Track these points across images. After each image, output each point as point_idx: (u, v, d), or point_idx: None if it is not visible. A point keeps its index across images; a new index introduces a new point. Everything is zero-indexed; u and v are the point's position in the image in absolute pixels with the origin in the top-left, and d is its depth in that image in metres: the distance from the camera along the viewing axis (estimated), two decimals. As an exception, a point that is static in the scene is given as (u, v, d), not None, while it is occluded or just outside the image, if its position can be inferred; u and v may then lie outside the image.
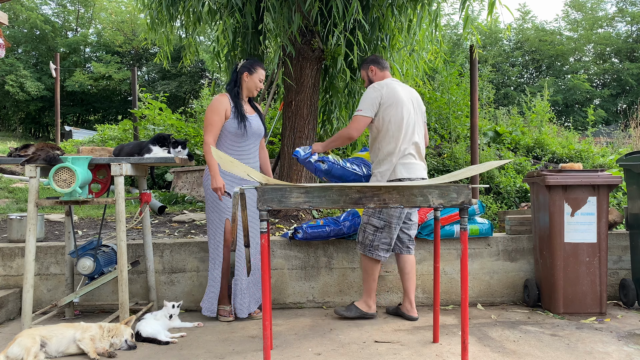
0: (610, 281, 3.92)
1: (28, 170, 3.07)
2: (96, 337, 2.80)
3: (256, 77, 3.46)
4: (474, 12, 22.47)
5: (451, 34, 22.83)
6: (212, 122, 3.33)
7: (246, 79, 3.46)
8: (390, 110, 3.24)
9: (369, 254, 3.32)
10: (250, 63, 3.48)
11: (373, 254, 3.31)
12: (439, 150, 6.67)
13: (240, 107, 3.41)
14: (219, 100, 3.37)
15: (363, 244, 3.35)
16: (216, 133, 3.35)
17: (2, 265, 3.73)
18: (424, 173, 3.34)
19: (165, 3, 4.61)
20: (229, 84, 3.52)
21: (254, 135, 3.46)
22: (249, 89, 3.48)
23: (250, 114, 3.49)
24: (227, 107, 3.38)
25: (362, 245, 3.36)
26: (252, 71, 3.46)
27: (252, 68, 3.46)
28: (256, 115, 3.54)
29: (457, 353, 2.78)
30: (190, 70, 25.27)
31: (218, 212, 3.37)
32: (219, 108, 3.35)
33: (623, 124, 13.52)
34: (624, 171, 3.85)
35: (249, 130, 3.41)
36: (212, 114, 3.34)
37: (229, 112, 3.38)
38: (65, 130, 18.85)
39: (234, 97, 3.42)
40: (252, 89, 3.48)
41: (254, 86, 3.47)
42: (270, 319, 2.35)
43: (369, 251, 3.33)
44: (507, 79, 27.07)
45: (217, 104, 3.36)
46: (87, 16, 28.29)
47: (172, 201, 6.03)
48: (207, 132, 3.33)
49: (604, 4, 29.10)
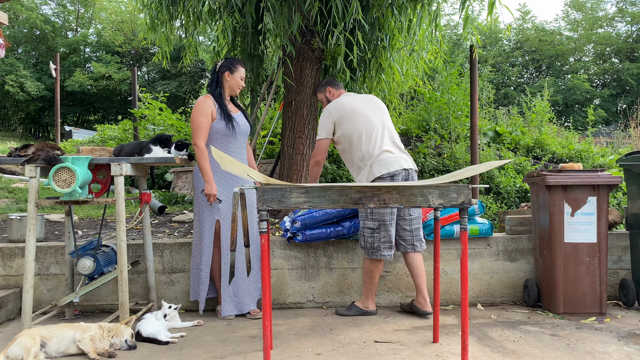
0: (610, 281, 3.92)
1: (28, 170, 3.07)
2: (96, 337, 2.80)
3: (237, 75, 3.44)
4: (474, 12, 22.48)
5: (451, 34, 22.83)
6: (200, 125, 3.30)
7: (227, 79, 3.44)
8: (346, 124, 3.41)
9: (374, 256, 3.34)
10: (230, 62, 3.45)
11: (377, 255, 3.34)
12: (439, 150, 6.66)
13: (224, 107, 3.40)
14: (204, 102, 3.34)
15: (365, 248, 3.39)
16: (206, 135, 3.33)
17: (2, 265, 3.73)
18: (406, 164, 3.36)
19: (165, 3, 4.60)
20: (210, 85, 3.50)
21: (242, 134, 3.46)
22: (231, 88, 3.47)
23: (235, 112, 3.49)
24: (213, 108, 3.36)
25: (365, 250, 3.40)
26: (233, 70, 3.44)
27: (233, 67, 3.44)
28: (240, 113, 3.53)
29: (457, 353, 2.78)
30: (190, 70, 25.28)
31: (210, 212, 3.39)
32: (205, 110, 3.32)
33: (623, 124, 13.51)
34: (624, 171, 3.85)
35: (237, 129, 3.41)
36: (199, 116, 3.30)
37: (214, 113, 3.36)
38: (65, 130, 18.86)
39: (217, 98, 3.40)
40: (234, 87, 3.47)
41: (235, 85, 3.46)
42: (270, 319, 2.35)
43: (372, 254, 3.34)
44: (507, 79, 27.08)
45: (202, 105, 3.33)
46: (87, 16, 28.29)
47: (172, 201, 6.03)
48: (196, 136, 3.30)
49: (604, 4, 29.09)
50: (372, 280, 3.42)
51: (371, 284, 3.43)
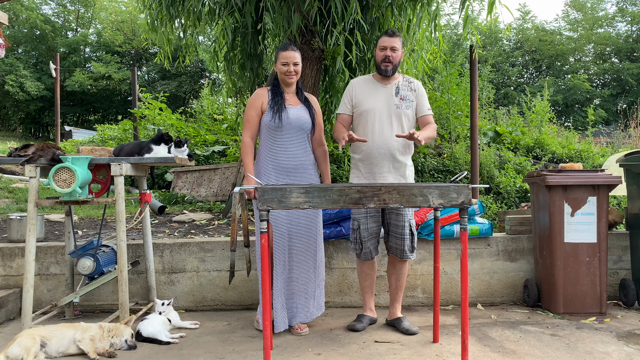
0: (610, 281, 3.92)
1: (28, 170, 3.07)
2: (96, 337, 2.80)
3: (279, 63, 3.16)
4: (474, 12, 22.47)
5: (451, 34, 22.82)
6: (247, 118, 3.19)
7: (276, 69, 3.21)
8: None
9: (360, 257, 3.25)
10: (277, 50, 3.21)
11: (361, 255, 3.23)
12: (439, 150, 6.67)
13: (277, 97, 3.17)
14: (256, 93, 3.23)
15: (354, 251, 3.28)
16: (253, 129, 3.19)
17: (2, 265, 3.73)
18: None
19: (165, 3, 4.61)
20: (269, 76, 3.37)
21: (292, 127, 3.14)
22: (281, 78, 3.21)
23: (295, 105, 3.21)
24: (264, 100, 3.19)
25: (355, 253, 3.30)
26: (276, 58, 3.20)
27: (276, 54, 3.19)
28: (302, 107, 3.23)
29: (457, 353, 2.78)
30: (190, 70, 25.29)
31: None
32: (254, 101, 3.19)
33: (623, 124, 13.52)
34: (624, 171, 3.85)
35: (284, 122, 3.11)
36: (248, 109, 3.20)
37: (265, 105, 3.18)
38: (65, 130, 18.85)
39: (272, 88, 3.24)
40: (282, 76, 3.18)
41: (280, 72, 3.18)
42: (270, 318, 2.35)
43: (357, 254, 3.26)
44: (507, 79, 27.08)
45: (253, 97, 3.22)
46: (87, 16, 28.29)
47: (172, 201, 6.03)
48: (244, 130, 3.20)
49: (604, 4, 29.12)
50: (362, 281, 3.32)
51: (364, 287, 3.33)
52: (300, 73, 3.24)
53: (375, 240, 3.22)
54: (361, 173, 3.21)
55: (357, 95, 3.25)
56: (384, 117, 3.15)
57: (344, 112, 3.30)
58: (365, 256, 3.22)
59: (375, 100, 3.19)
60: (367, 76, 3.33)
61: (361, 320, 3.26)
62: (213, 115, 9.81)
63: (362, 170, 3.21)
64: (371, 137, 3.14)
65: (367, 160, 3.16)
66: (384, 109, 3.16)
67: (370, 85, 3.26)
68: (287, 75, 3.16)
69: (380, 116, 3.15)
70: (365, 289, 3.33)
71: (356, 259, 3.30)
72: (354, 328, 3.19)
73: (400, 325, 3.17)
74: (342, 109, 3.31)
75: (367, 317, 3.30)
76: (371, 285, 3.32)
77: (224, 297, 3.76)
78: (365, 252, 3.20)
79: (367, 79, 3.31)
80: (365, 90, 3.25)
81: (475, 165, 5.04)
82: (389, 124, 3.15)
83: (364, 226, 3.17)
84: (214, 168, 6.42)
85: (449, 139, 6.90)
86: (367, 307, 3.34)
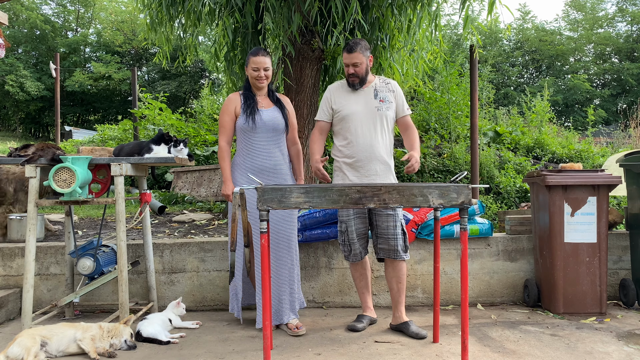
0: (610, 281, 3.92)
1: (28, 171, 3.07)
2: (96, 337, 2.81)
3: (250, 68, 3.23)
4: (474, 12, 22.47)
5: (451, 34, 22.83)
6: (222, 124, 3.26)
7: (247, 73, 3.30)
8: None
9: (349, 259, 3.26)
10: (249, 54, 3.28)
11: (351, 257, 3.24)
12: (439, 150, 6.67)
13: (249, 100, 3.23)
14: (228, 99, 3.29)
15: (343, 253, 3.27)
16: (229, 134, 3.25)
17: (2, 265, 3.73)
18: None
19: (165, 3, 4.60)
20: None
21: (266, 129, 3.20)
22: (252, 82, 3.27)
23: (267, 107, 3.26)
24: (237, 105, 3.25)
25: (344, 256, 3.29)
26: (247, 63, 3.27)
27: (247, 59, 3.24)
28: (274, 108, 3.28)
29: (457, 353, 2.78)
30: (190, 70, 25.29)
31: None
32: (228, 107, 3.25)
33: (623, 124, 13.52)
34: (624, 171, 3.85)
35: (258, 125, 3.17)
36: (222, 115, 3.27)
37: (238, 109, 3.24)
38: (65, 130, 18.86)
39: (244, 92, 3.30)
40: (254, 80, 3.24)
41: (251, 77, 3.24)
42: (270, 318, 2.35)
43: (346, 257, 3.26)
44: (507, 79, 27.09)
45: (226, 102, 3.28)
46: (87, 16, 28.31)
47: (172, 201, 6.03)
48: (219, 135, 3.26)
49: (604, 4, 29.15)
50: (356, 282, 3.33)
51: (360, 288, 3.34)
52: (270, 78, 3.29)
53: (364, 241, 3.23)
54: (346, 175, 3.19)
55: (336, 101, 3.24)
56: (366, 120, 3.15)
57: (322, 119, 3.28)
58: (354, 257, 3.23)
59: (356, 104, 3.19)
60: (344, 81, 3.30)
61: (361, 320, 3.26)
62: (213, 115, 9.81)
63: (347, 173, 3.19)
64: (355, 141, 3.14)
65: (354, 163, 3.16)
66: (365, 112, 3.17)
67: (348, 89, 3.25)
68: (258, 80, 3.22)
69: (362, 119, 3.15)
70: (361, 289, 3.34)
71: (347, 262, 3.29)
72: (354, 328, 3.20)
73: (409, 330, 3.13)
74: (321, 116, 3.29)
75: (367, 317, 3.30)
76: (367, 284, 3.34)
77: (224, 297, 3.76)
78: (355, 254, 3.22)
79: (344, 83, 3.28)
80: (344, 95, 3.24)
81: (475, 165, 5.04)
82: (373, 126, 3.15)
83: (352, 228, 3.17)
84: (214, 168, 6.42)
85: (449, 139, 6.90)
86: (366, 307, 3.35)
